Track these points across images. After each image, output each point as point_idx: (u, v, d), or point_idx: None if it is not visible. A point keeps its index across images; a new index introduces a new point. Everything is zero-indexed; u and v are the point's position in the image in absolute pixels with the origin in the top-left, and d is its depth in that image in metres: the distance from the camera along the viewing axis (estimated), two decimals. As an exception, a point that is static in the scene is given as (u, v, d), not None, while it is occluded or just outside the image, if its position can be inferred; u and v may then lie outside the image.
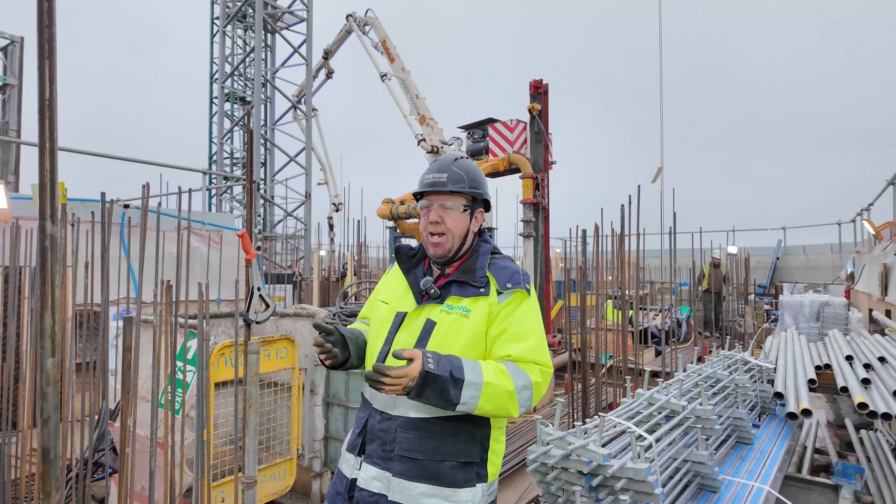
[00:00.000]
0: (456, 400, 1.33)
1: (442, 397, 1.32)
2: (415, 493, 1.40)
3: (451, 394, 1.32)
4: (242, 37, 13.20)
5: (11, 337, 3.40)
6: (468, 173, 1.59)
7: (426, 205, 1.58)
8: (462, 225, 1.57)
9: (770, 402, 3.16)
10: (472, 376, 1.35)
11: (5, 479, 2.99)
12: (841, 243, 15.62)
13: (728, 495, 2.03)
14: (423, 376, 1.30)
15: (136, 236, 4.86)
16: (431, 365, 1.32)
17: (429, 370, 1.30)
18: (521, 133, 7.97)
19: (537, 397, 1.43)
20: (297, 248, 11.95)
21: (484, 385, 1.35)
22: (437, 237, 1.54)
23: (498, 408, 1.38)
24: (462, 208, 1.57)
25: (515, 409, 1.39)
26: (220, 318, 4.00)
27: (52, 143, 1.19)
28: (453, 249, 1.56)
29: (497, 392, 1.36)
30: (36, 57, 1.12)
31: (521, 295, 1.50)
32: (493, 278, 1.52)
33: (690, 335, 10.12)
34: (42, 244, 1.18)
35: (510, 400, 1.37)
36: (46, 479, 1.22)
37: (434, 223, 1.54)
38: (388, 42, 10.09)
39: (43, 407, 1.20)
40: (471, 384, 1.34)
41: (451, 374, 1.33)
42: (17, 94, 7.65)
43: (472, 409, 1.36)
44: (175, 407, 2.66)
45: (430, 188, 1.56)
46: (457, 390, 1.32)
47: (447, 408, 1.35)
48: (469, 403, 1.34)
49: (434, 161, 1.64)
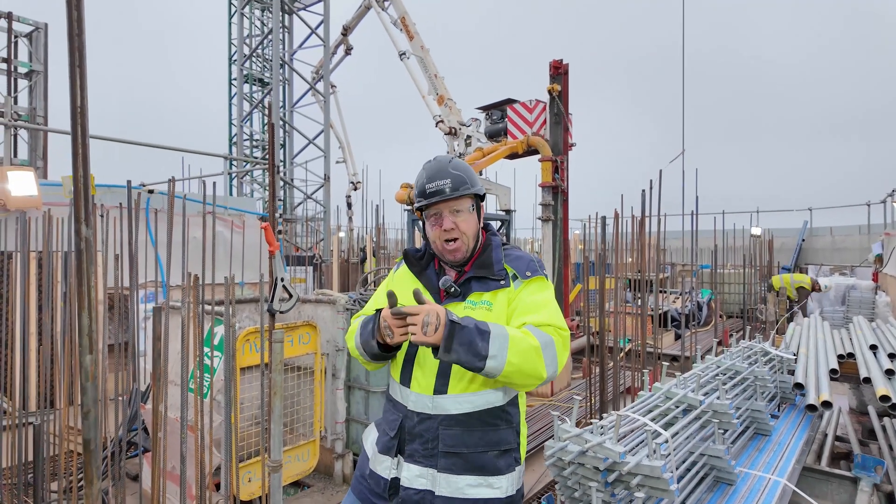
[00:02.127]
0: (484, 352, 1.33)
1: (470, 350, 1.33)
2: (462, 484, 1.45)
3: (478, 345, 1.33)
4: (260, 17, 13.15)
5: (47, 321, 3.53)
6: (466, 172, 1.59)
7: (434, 213, 1.57)
8: (474, 225, 1.59)
9: (790, 392, 3.14)
10: (497, 330, 1.37)
11: (45, 456, 3.14)
12: (870, 224, 15.21)
13: (744, 488, 2.05)
14: (448, 326, 1.32)
15: (162, 221, 4.97)
16: (455, 317, 1.35)
17: (454, 320, 1.33)
18: (540, 113, 7.86)
19: (561, 360, 1.44)
20: (316, 230, 12.06)
21: (510, 338, 1.36)
22: (453, 243, 1.55)
23: (526, 362, 1.36)
24: (470, 209, 1.58)
25: (542, 366, 1.38)
26: (244, 304, 4.10)
27: (84, 148, 1.23)
28: (470, 250, 1.58)
29: (524, 345, 1.36)
30: (64, 43, 1.14)
31: (538, 279, 1.55)
32: (511, 269, 1.55)
33: (711, 318, 10.03)
34: (77, 247, 1.23)
35: (536, 355, 1.37)
36: (88, 468, 1.29)
37: (449, 230, 1.54)
38: (407, 19, 9.95)
39: (83, 401, 1.26)
40: (497, 336, 1.35)
41: (477, 327, 1.35)
42: (42, 80, 7.77)
43: (501, 364, 1.34)
44: (203, 391, 2.76)
45: (438, 198, 1.53)
46: (484, 342, 1.33)
47: (476, 363, 1.34)
48: (498, 357, 1.34)
49: (427, 167, 1.60)
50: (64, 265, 3.99)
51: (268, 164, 2.48)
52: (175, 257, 3.39)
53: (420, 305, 1.35)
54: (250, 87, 12.92)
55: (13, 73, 7.74)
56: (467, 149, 8.72)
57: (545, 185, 7.34)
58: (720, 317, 10.08)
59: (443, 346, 1.33)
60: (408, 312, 1.34)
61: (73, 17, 1.21)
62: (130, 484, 3.60)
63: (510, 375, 1.37)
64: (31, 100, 7.86)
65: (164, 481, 2.61)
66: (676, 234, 9.40)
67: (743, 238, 12.62)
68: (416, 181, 1.61)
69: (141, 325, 4.12)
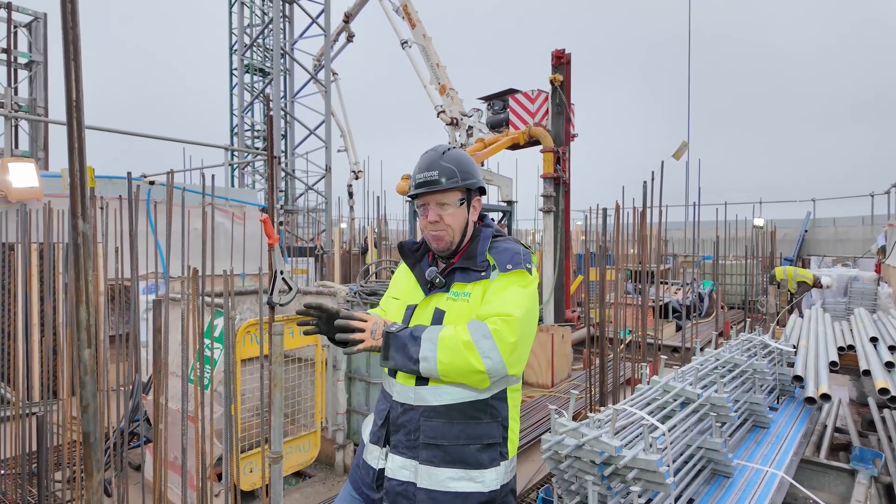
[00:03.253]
0: (416, 355, 1.41)
1: (404, 353, 1.42)
2: (442, 477, 1.45)
3: (410, 349, 1.42)
4: (261, 7, 13.06)
5: (49, 313, 3.55)
6: (458, 165, 1.57)
7: (422, 204, 1.58)
8: (460, 219, 1.58)
9: (789, 384, 3.15)
10: (430, 333, 1.43)
11: (48, 446, 3.17)
12: (873, 215, 15.15)
13: (741, 480, 2.06)
14: (384, 337, 1.45)
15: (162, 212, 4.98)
16: (393, 328, 1.46)
17: (389, 331, 1.45)
18: (542, 104, 7.81)
19: (507, 349, 1.38)
20: (318, 221, 12.06)
21: (439, 339, 1.41)
22: (437, 232, 1.56)
23: (456, 358, 1.38)
24: (458, 202, 1.57)
25: (477, 359, 1.36)
26: (244, 296, 4.11)
27: (80, 143, 1.22)
28: (454, 242, 1.58)
29: (452, 343, 1.39)
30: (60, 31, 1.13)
31: (518, 273, 1.49)
32: (493, 261, 1.53)
33: (712, 309, 10.02)
34: (74, 241, 1.23)
35: (467, 350, 1.37)
36: (88, 461, 1.30)
37: (433, 223, 1.55)
38: (409, 6, 9.86)
39: (82, 395, 1.27)
40: (427, 339, 1.42)
41: (411, 334, 1.44)
42: (42, 70, 7.74)
43: (433, 364, 1.40)
44: (204, 383, 2.78)
45: (424, 189, 1.54)
46: (416, 346, 1.41)
47: (411, 366, 1.42)
48: (429, 358, 1.40)
49: (422, 157, 1.60)
50: (65, 256, 4.00)
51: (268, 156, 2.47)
52: (175, 249, 3.40)
53: (368, 315, 1.50)
54: (251, 77, 12.85)
55: (13, 63, 7.71)
56: (469, 139, 8.68)
57: (547, 175, 7.32)
58: (722, 308, 10.08)
59: (382, 354, 1.46)
60: (357, 320, 1.47)
61: (67, 10, 1.20)
62: (133, 474, 3.63)
63: (447, 374, 1.41)
64: (31, 90, 7.84)
65: (166, 471, 2.64)
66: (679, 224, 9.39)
67: (745, 229, 12.58)
68: (413, 170, 1.62)
69: (142, 316, 4.15)
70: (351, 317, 1.47)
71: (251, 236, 5.98)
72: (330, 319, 1.53)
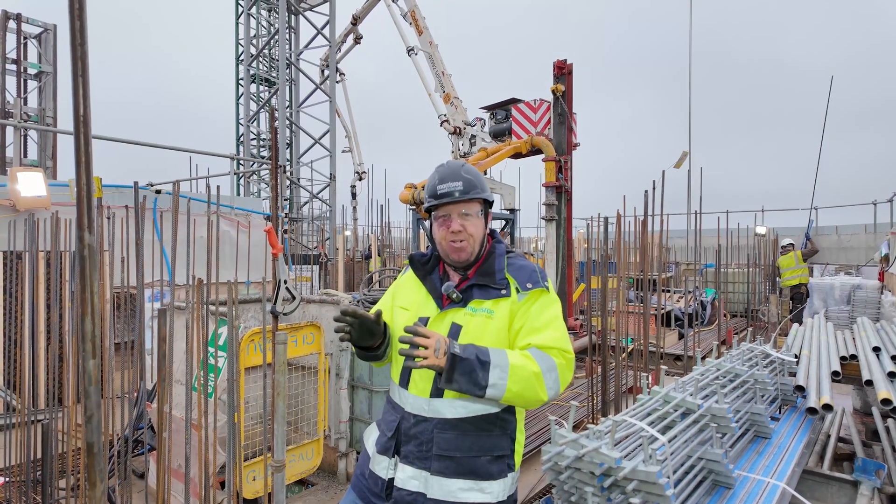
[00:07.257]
0: (484, 382, 1.38)
1: (471, 379, 1.38)
2: (453, 488, 1.47)
3: (478, 375, 1.37)
4: (267, 18, 13.21)
5: (55, 320, 3.58)
6: (477, 178, 1.63)
7: (443, 214, 1.60)
8: (481, 229, 1.62)
9: (791, 394, 3.14)
10: (498, 359, 1.41)
11: (53, 453, 3.19)
12: (876, 223, 15.10)
13: (742, 492, 2.06)
14: (450, 359, 1.37)
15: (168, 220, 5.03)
16: (457, 349, 1.39)
17: (455, 353, 1.38)
18: (544, 113, 7.86)
19: (564, 382, 1.48)
20: (322, 229, 12.12)
21: (510, 367, 1.40)
22: (459, 242, 1.58)
23: (526, 389, 1.41)
24: (479, 213, 1.62)
25: (544, 391, 1.43)
26: (248, 304, 4.14)
27: (87, 157, 1.25)
28: (475, 253, 1.61)
29: (524, 373, 1.40)
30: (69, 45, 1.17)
31: (541, 292, 1.56)
32: (512, 279, 1.58)
33: (715, 318, 10.00)
34: (81, 253, 1.27)
35: (537, 381, 1.41)
36: (91, 471, 1.33)
37: (456, 232, 1.57)
38: (416, 13, 9.93)
39: (86, 406, 1.30)
40: (497, 366, 1.39)
41: (478, 357, 1.39)
42: (52, 81, 7.85)
43: (500, 392, 1.39)
44: (208, 391, 2.80)
45: (449, 200, 1.57)
46: (484, 372, 1.38)
47: (476, 392, 1.39)
48: (497, 385, 1.38)
49: (441, 169, 1.64)
50: (72, 265, 4.05)
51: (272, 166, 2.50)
52: (180, 257, 3.43)
53: (432, 332, 1.40)
54: (257, 87, 12.99)
55: (23, 73, 7.82)
56: (472, 148, 8.73)
57: (549, 184, 7.35)
58: (724, 316, 10.06)
59: (445, 377, 1.39)
60: (421, 336, 1.38)
61: (76, 26, 1.23)
62: (137, 481, 3.65)
63: (511, 400, 1.44)
64: (40, 100, 7.95)
65: (170, 479, 2.66)
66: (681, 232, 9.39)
67: (748, 237, 12.56)
68: (428, 183, 1.65)
69: (147, 324, 4.18)
70: (416, 332, 1.39)
71: (256, 244, 6.03)
72: (362, 326, 1.51)
